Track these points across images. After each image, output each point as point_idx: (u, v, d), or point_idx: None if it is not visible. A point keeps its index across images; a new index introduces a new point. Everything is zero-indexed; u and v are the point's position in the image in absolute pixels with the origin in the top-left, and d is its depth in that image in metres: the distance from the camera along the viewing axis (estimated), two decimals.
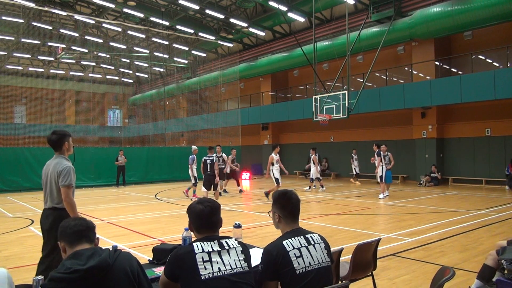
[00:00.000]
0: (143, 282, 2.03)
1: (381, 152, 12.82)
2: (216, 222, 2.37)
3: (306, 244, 2.44)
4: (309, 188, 15.89)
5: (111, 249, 2.03)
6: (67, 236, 2.02)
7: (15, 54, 30.52)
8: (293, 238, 2.45)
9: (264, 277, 2.38)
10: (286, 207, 2.59)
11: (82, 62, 34.60)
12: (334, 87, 17.88)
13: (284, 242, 2.41)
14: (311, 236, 2.52)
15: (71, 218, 2.13)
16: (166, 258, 2.39)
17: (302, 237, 2.48)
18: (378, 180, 13.07)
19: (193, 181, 13.78)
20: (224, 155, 14.73)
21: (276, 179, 12.81)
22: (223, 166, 14.59)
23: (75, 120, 37.70)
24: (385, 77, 19.74)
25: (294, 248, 2.39)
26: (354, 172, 18.82)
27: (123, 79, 39.34)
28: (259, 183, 18.24)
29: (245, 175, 21.51)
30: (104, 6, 21.65)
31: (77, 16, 23.11)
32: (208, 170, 11.40)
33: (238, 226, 3.62)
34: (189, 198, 13.71)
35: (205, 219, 2.33)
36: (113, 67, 36.89)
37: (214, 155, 11.90)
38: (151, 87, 38.18)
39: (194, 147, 14.37)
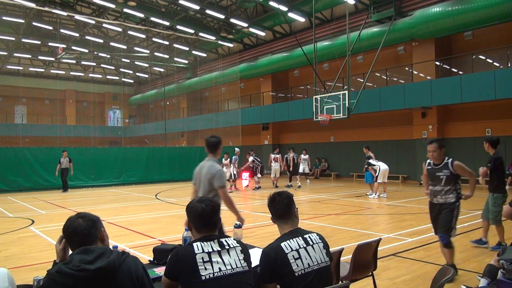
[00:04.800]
0: (146, 286, 2.01)
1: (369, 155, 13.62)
2: (216, 221, 2.37)
3: (305, 245, 2.44)
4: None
5: (117, 250, 2.02)
6: (75, 244, 1.99)
7: (15, 54, 30.54)
8: (291, 240, 2.44)
9: (263, 279, 2.37)
10: (272, 210, 2.61)
11: (83, 62, 34.60)
12: (334, 87, 17.87)
13: (282, 244, 2.40)
14: (309, 236, 2.51)
15: (77, 222, 2.02)
16: (166, 259, 2.38)
17: (300, 238, 2.47)
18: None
19: (233, 178, 16.33)
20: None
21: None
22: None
23: (75, 120, 37.71)
24: (385, 77, 19.74)
25: (292, 250, 2.38)
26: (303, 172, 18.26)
27: (123, 79, 39.33)
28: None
29: (245, 175, 21.48)
30: (104, 6, 21.66)
31: (77, 16, 23.13)
32: (290, 162, 17.16)
33: (238, 227, 3.61)
34: (236, 191, 16.08)
35: (206, 218, 2.32)
36: (113, 67, 36.90)
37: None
38: (151, 87, 38.19)
39: (237, 149, 16.71)
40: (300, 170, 17.84)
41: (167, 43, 28.66)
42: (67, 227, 2.01)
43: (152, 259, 3.19)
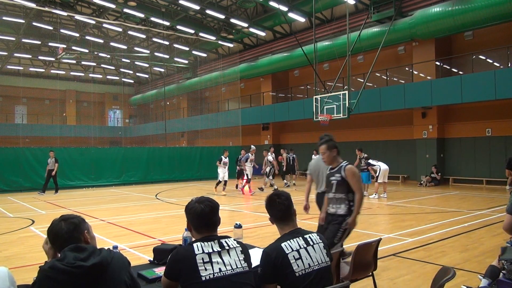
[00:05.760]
0: (135, 281, 2.08)
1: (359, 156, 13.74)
2: (216, 221, 2.36)
3: (305, 245, 2.43)
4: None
5: (104, 248, 2.05)
6: (59, 247, 2.01)
7: (15, 54, 30.56)
8: (291, 240, 2.43)
9: (263, 280, 2.37)
10: (272, 211, 2.60)
11: (83, 62, 34.63)
12: (334, 87, 17.87)
13: (282, 245, 2.40)
14: (309, 237, 2.51)
15: (59, 226, 2.03)
16: (166, 259, 2.38)
17: (300, 238, 2.47)
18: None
19: (246, 178, 15.31)
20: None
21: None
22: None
23: (76, 120, 37.73)
24: (385, 77, 19.73)
25: (293, 250, 2.38)
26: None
27: (123, 79, 39.36)
28: (259, 183, 18.24)
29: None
30: (104, 6, 21.67)
31: (77, 17, 23.14)
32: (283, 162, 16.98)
33: (238, 227, 3.61)
34: (249, 194, 14.81)
35: (206, 219, 2.31)
36: (113, 67, 36.91)
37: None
38: (151, 87, 38.21)
39: (253, 147, 15.69)
40: None
41: (167, 43, 28.66)
42: (50, 231, 2.04)
43: (152, 259, 3.19)
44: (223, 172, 14.70)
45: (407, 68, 18.95)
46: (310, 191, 5.53)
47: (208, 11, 21.33)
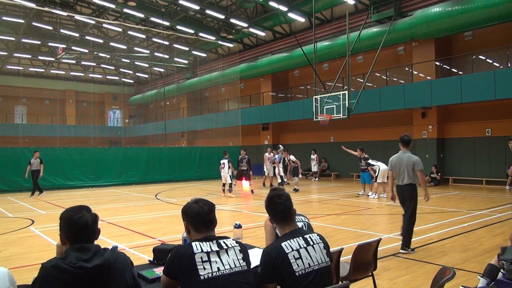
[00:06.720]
0: (137, 281, 2.11)
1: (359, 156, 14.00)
2: (213, 219, 2.38)
3: (305, 245, 2.43)
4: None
5: (108, 248, 2.06)
6: (73, 233, 2.01)
7: (15, 55, 30.54)
8: (291, 240, 2.43)
9: (263, 279, 2.37)
10: (273, 212, 2.59)
11: (83, 62, 34.60)
12: (334, 87, 17.87)
13: (282, 244, 2.40)
14: (310, 237, 2.51)
15: (87, 216, 2.08)
16: (166, 259, 2.39)
17: (301, 237, 2.47)
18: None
19: (282, 181, 14.86)
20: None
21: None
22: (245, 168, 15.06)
23: (75, 120, 37.71)
24: (385, 77, 19.73)
25: (293, 250, 2.38)
26: (314, 171, 21.22)
27: (123, 79, 39.33)
28: (259, 183, 18.25)
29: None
30: (104, 6, 21.66)
31: (77, 17, 23.13)
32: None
33: (238, 227, 3.61)
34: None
35: (204, 216, 2.33)
36: (113, 67, 36.90)
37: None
38: (151, 87, 38.20)
39: (281, 146, 15.11)
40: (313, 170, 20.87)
41: (167, 43, 28.65)
42: (78, 218, 2.03)
43: (152, 259, 3.19)
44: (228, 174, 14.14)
45: (406, 68, 18.95)
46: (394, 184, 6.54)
47: (208, 11, 21.33)
